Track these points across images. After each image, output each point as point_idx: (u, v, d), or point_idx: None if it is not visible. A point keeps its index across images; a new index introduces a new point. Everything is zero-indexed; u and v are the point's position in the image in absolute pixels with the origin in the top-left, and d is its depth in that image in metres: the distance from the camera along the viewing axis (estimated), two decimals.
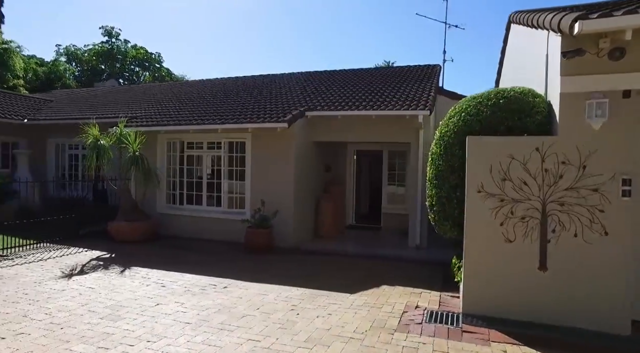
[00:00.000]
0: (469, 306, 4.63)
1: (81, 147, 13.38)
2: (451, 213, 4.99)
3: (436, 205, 5.19)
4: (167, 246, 9.03)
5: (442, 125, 5.35)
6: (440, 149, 5.12)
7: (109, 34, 31.13)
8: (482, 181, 4.51)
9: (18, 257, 7.70)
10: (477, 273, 4.59)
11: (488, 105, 4.74)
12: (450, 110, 5.35)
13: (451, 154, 4.93)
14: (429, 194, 5.41)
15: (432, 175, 5.30)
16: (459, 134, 4.89)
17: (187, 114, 10.68)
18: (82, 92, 18.81)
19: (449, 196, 4.95)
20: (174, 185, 10.54)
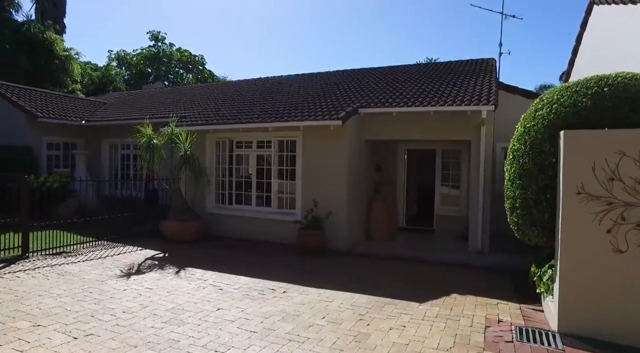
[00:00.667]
0: (566, 324, 4.06)
1: (132, 147, 13.71)
2: (539, 217, 4.44)
3: (520, 208, 4.65)
4: (217, 246, 8.95)
5: (525, 119, 4.80)
6: (525, 146, 4.58)
7: (156, 38, 32.17)
8: (583, 181, 3.95)
9: (80, 254, 7.84)
10: (577, 287, 4.03)
11: (588, 95, 4.15)
12: (536, 103, 4.78)
13: (540, 151, 4.37)
14: (510, 196, 4.88)
15: (514, 174, 4.76)
16: (549, 128, 4.33)
17: (236, 113, 10.59)
18: (132, 94, 19.41)
19: (536, 198, 4.40)
20: (223, 184, 10.48)
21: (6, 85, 14.36)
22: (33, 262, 7.15)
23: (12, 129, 12.96)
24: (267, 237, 9.46)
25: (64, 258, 7.49)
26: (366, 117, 9.33)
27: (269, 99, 11.61)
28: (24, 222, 7.56)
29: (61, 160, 13.73)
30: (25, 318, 4.50)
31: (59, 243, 8.05)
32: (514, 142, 4.91)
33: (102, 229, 9.05)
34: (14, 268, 6.70)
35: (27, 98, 13.87)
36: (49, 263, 7.09)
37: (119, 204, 11.11)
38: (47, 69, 19.87)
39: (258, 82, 15.48)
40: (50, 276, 6.25)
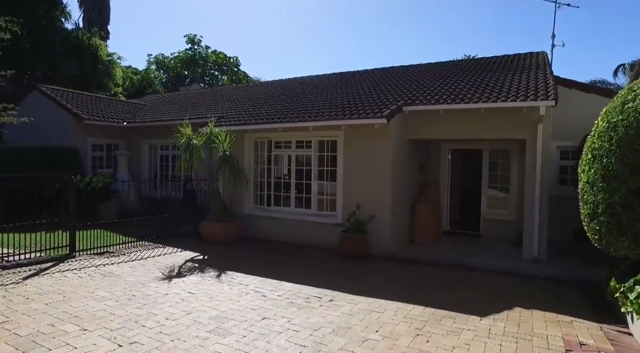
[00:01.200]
0: None
1: (171, 147, 13.83)
2: (630, 225, 3.87)
3: (604, 215, 4.10)
4: (256, 249, 8.75)
5: (609, 112, 4.24)
6: (609, 143, 4.03)
7: (192, 41, 32.82)
8: None
9: (122, 254, 7.85)
10: None
11: None
12: (623, 94, 4.22)
13: (631, 149, 3.82)
14: (589, 201, 4.33)
15: (594, 176, 4.22)
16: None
17: (275, 113, 10.38)
18: (170, 96, 19.73)
19: (627, 203, 3.85)
20: (261, 185, 10.30)
21: (56, 89, 14.91)
22: (79, 261, 7.20)
23: (61, 131, 13.39)
24: (306, 240, 9.18)
25: (107, 259, 7.50)
26: (410, 116, 8.87)
27: (307, 99, 11.34)
28: (70, 221, 7.64)
29: (104, 161, 14.07)
30: (73, 321, 4.41)
31: (103, 243, 8.10)
32: (593, 140, 4.35)
33: (142, 229, 9.09)
34: (62, 267, 6.75)
35: (74, 101, 14.33)
36: (93, 263, 7.11)
37: (158, 204, 11.20)
38: (92, 73, 20.58)
39: (294, 82, 15.29)
40: (95, 276, 6.22)
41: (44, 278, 6.07)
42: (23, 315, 4.59)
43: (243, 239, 9.53)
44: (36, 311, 4.71)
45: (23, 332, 4.12)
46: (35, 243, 7.53)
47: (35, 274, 6.27)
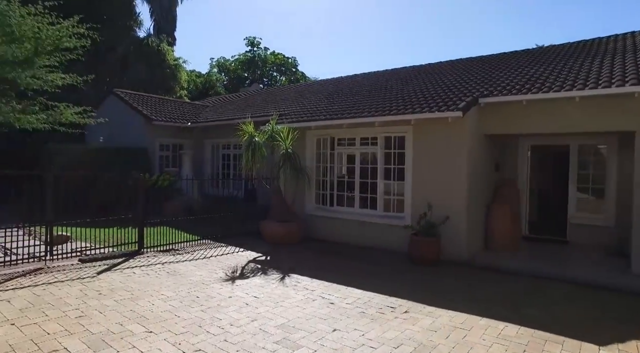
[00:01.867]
0: None
1: (232, 146, 13.99)
2: None
3: None
4: (318, 251, 8.38)
5: None
6: None
7: (252, 44, 33.58)
8: None
9: (186, 253, 7.86)
10: None
11: None
12: None
13: None
14: None
15: None
16: None
17: (337, 109, 9.97)
18: (231, 97, 20.15)
19: None
20: (324, 185, 9.92)
21: (129, 93, 15.73)
22: (147, 258, 7.27)
23: (133, 132, 14.06)
24: (371, 242, 8.65)
25: (172, 256, 7.52)
26: (487, 108, 8.01)
27: (372, 94, 10.79)
28: (139, 218, 7.78)
29: (170, 161, 14.56)
30: (140, 322, 4.28)
31: (168, 240, 8.18)
32: None
33: (205, 227, 9.09)
34: (131, 263, 6.83)
35: (144, 103, 15.01)
36: (159, 260, 7.14)
37: (220, 203, 11.28)
38: (160, 78, 21.61)
39: (357, 78, 14.79)
40: (161, 274, 6.19)
41: (115, 273, 6.13)
42: (95, 311, 4.56)
43: (304, 240, 9.22)
44: (107, 308, 4.66)
45: (94, 329, 4.04)
46: (109, 238, 7.79)
47: (108, 269, 6.37)
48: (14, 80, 8.75)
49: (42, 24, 8.47)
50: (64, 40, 8.69)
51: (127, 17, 20.00)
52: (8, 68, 8.42)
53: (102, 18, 18.05)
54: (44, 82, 9.21)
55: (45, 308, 4.57)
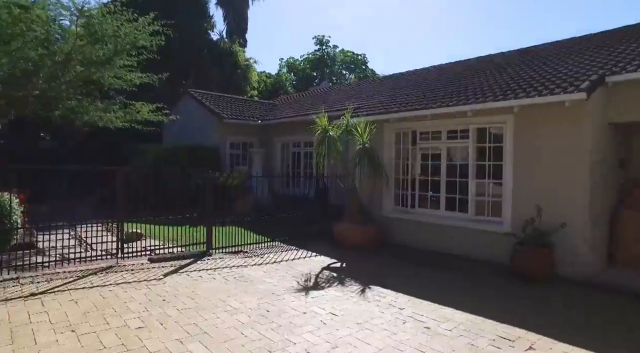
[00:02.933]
0: None
1: (303, 144, 13.45)
2: None
3: None
4: (399, 257, 7.38)
5: None
6: None
7: (320, 42, 33.22)
8: None
9: (255, 255, 7.33)
10: None
11: None
12: None
13: None
14: None
15: None
16: None
17: (421, 99, 8.88)
18: (301, 95, 19.77)
19: None
20: (403, 184, 8.89)
21: (202, 92, 15.98)
22: (214, 260, 6.84)
23: (205, 131, 14.16)
24: (460, 250, 7.46)
25: (241, 259, 7.02)
26: (616, 90, 6.44)
27: (460, 82, 9.51)
28: (208, 218, 7.41)
29: (240, 159, 14.42)
30: (201, 340, 3.69)
31: (237, 241, 7.72)
32: None
33: (274, 228, 8.54)
34: (199, 266, 6.42)
35: (216, 103, 15.10)
36: (227, 263, 6.65)
37: (290, 202, 10.75)
38: (231, 78, 21.97)
39: (441, 67, 13.43)
40: (229, 280, 5.65)
41: (181, 276, 5.72)
42: (157, 321, 4.07)
43: (382, 245, 8.27)
44: (169, 318, 4.16)
45: (152, 347, 3.51)
46: (178, 237, 7.53)
47: (175, 271, 5.99)
48: (98, 80, 8.94)
49: (120, 22, 8.52)
50: (139, 37, 8.68)
51: (201, 19, 20.53)
52: (93, 69, 8.59)
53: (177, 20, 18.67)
54: (123, 81, 9.33)
55: (107, 315, 4.18)
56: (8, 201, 5.42)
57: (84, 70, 8.43)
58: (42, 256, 6.25)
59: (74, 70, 8.38)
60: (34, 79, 8.02)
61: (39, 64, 7.87)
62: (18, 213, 5.69)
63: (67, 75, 8.37)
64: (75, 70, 8.41)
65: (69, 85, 8.59)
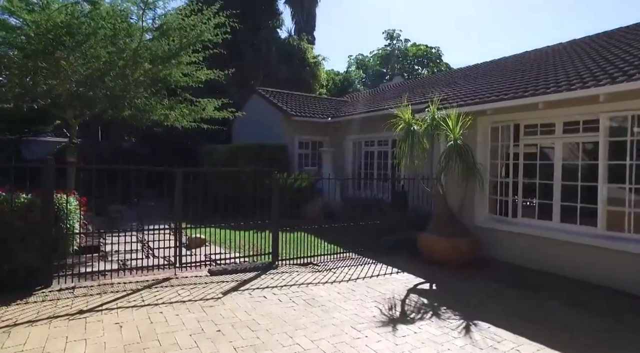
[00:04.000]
0: None
1: (377, 143, 12.30)
2: None
3: None
4: (503, 280, 5.94)
5: None
6: None
7: (391, 37, 31.70)
8: None
9: (327, 270, 6.35)
10: None
11: None
12: None
13: None
14: None
15: None
16: None
17: (524, 85, 7.30)
18: (372, 91, 18.63)
19: None
20: (502, 188, 7.37)
21: (270, 90, 15.51)
22: (281, 274, 5.97)
23: (273, 130, 13.60)
24: (578, 273, 5.87)
25: (310, 273, 6.09)
26: None
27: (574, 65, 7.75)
28: (274, 223, 6.58)
29: (309, 159, 13.64)
30: None
31: (306, 251, 6.82)
32: None
33: (346, 236, 7.51)
34: (262, 281, 5.58)
35: (284, 100, 14.50)
36: (295, 279, 5.74)
37: (362, 207, 9.67)
38: (299, 76, 21.43)
39: (545, 50, 11.50)
40: (297, 304, 4.71)
41: (242, 296, 4.90)
42: None
43: (475, 260, 6.86)
44: None
45: None
46: (243, 244, 6.85)
47: (235, 288, 5.19)
48: (165, 78, 8.62)
49: (184, 14, 8.09)
50: (204, 30, 8.17)
51: (269, 17, 20.20)
52: (160, 66, 8.28)
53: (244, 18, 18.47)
54: (190, 78, 8.93)
55: (149, 349, 3.42)
56: (64, 204, 4.99)
57: (151, 67, 8.12)
58: (104, 262, 5.88)
59: (142, 68, 8.11)
60: (105, 78, 7.86)
61: (109, 62, 7.68)
62: (75, 217, 5.26)
63: (136, 73, 8.13)
64: (144, 67, 8.13)
65: (137, 84, 8.35)
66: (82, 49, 7.32)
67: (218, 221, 7.10)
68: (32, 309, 4.14)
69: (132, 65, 7.92)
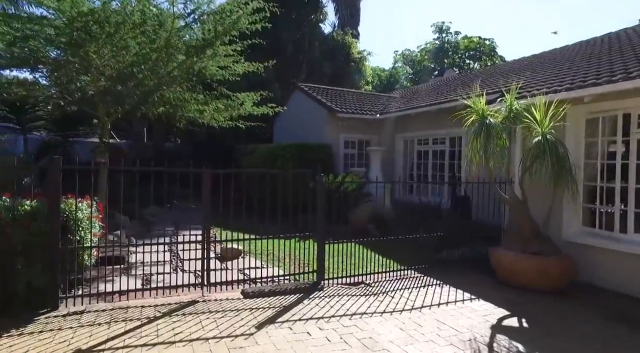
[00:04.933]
0: None
1: (431, 141, 10.98)
2: None
3: None
4: (616, 316, 4.55)
5: None
6: None
7: (440, 30, 29.82)
8: None
9: (382, 292, 5.22)
10: None
11: None
12: None
13: None
14: None
15: None
16: None
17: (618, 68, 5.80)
18: (423, 86, 17.17)
19: None
20: (602, 195, 5.90)
21: (313, 86, 14.58)
22: (327, 299, 4.90)
23: (316, 128, 12.64)
24: None
25: (363, 296, 5.00)
26: None
27: None
28: (319, 234, 5.56)
29: (356, 159, 12.53)
30: None
31: (356, 267, 5.74)
32: None
33: (400, 248, 6.32)
34: (305, 308, 4.55)
35: (328, 96, 13.49)
36: (345, 306, 4.67)
37: (416, 213, 8.45)
38: (344, 72, 20.35)
39: (595, 43, 9.76)
40: (350, 344, 3.64)
41: (280, 331, 3.90)
42: None
43: (570, 287, 5.46)
44: None
45: None
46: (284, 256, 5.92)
47: (272, 319, 4.18)
48: (200, 71, 7.87)
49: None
50: (240, 14, 7.32)
51: (312, 11, 19.28)
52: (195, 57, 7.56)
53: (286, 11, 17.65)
54: (227, 71, 8.14)
55: None
56: (74, 212, 4.24)
57: (185, 59, 7.39)
58: (126, 276, 5.14)
59: (175, 60, 7.40)
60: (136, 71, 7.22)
61: (140, 54, 7.03)
62: (88, 226, 4.50)
63: (169, 65, 7.43)
64: (177, 59, 7.43)
65: (171, 79, 7.67)
66: (112, 40, 6.71)
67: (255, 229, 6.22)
68: (23, 344, 3.37)
69: (165, 57, 7.23)
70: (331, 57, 19.98)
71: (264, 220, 5.58)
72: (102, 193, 7.45)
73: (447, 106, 8.84)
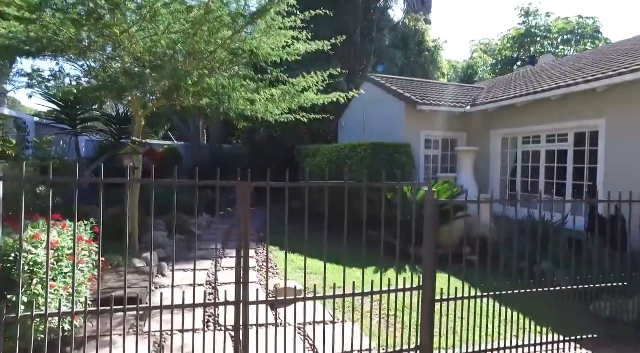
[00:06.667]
0: None
1: (545, 139, 8.45)
2: None
3: None
4: None
5: None
6: None
7: (526, 14, 26.05)
8: None
9: None
10: None
11: None
12: None
13: None
14: None
15: None
16: None
17: None
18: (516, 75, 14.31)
19: None
20: None
21: (385, 77, 12.58)
22: None
23: (390, 124, 10.59)
24: None
25: None
26: None
27: None
28: (427, 282, 3.55)
29: (439, 162, 10.27)
30: None
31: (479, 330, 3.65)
32: None
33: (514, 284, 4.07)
34: None
35: (404, 87, 11.34)
36: None
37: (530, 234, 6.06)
38: (416, 63, 18.01)
39: None
40: None
41: None
42: None
43: None
44: None
45: None
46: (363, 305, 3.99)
47: None
48: (251, 50, 6.22)
49: None
50: None
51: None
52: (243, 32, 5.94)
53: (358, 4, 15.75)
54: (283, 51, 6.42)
55: None
56: (16, 252, 2.63)
57: (232, 34, 5.77)
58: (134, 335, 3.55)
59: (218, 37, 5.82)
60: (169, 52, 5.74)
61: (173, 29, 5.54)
62: (44, 276, 2.86)
63: (211, 45, 5.86)
64: (222, 35, 5.83)
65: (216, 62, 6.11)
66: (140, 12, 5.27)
67: (316, 253, 4.38)
68: None
69: (206, 33, 5.67)
70: (402, 46, 17.73)
71: (337, 239, 3.73)
72: (134, 205, 6.10)
73: (598, 85, 6.37)
